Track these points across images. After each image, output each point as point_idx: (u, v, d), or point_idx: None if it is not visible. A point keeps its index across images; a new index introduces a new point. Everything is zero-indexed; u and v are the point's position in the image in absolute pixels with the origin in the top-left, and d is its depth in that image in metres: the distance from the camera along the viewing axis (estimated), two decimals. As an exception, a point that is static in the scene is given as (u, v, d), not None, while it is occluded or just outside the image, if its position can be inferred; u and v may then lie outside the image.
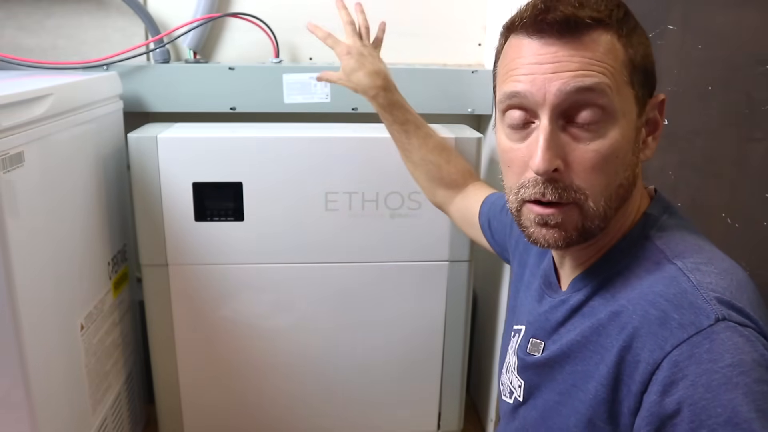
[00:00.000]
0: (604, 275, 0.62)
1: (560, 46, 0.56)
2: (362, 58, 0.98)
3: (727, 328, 0.50)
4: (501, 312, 1.29)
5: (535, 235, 0.61)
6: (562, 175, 0.57)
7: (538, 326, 0.69)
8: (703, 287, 0.53)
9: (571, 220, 0.58)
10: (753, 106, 1.13)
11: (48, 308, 0.88)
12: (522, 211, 0.61)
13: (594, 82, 0.55)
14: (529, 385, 0.69)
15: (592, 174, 0.57)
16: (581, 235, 0.59)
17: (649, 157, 0.62)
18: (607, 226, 0.60)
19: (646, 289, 0.56)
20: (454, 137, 1.12)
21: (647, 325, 0.54)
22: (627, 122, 0.57)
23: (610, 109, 0.56)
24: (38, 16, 1.28)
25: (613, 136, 0.56)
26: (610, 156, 0.57)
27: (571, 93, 0.55)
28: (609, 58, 0.56)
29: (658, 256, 0.59)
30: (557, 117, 0.56)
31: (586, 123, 0.56)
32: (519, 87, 0.57)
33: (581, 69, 0.55)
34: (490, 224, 0.94)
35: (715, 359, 0.49)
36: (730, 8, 1.11)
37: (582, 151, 0.56)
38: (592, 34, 0.56)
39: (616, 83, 0.56)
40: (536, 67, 0.56)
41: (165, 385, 1.21)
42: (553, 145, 0.56)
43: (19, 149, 0.79)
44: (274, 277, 1.16)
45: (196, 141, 1.09)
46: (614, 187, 0.58)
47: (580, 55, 0.55)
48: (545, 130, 0.56)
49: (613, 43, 0.57)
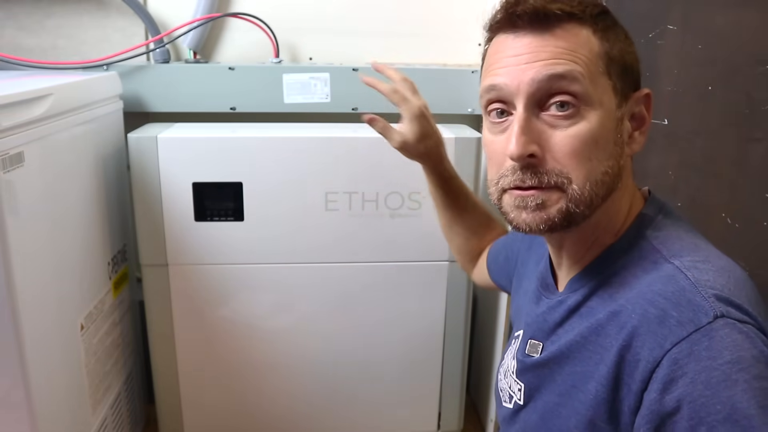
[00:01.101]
0: (601, 275, 0.62)
1: (532, 38, 0.58)
2: (432, 122, 0.89)
3: (726, 324, 0.50)
4: (501, 312, 1.29)
5: (516, 219, 0.60)
6: (540, 161, 0.58)
7: (536, 327, 0.69)
8: (701, 284, 0.53)
9: (553, 202, 0.58)
10: (753, 106, 1.13)
11: (48, 308, 0.88)
12: (503, 198, 0.61)
13: (566, 70, 0.56)
14: (528, 388, 0.69)
15: (572, 159, 0.57)
16: (564, 218, 0.59)
17: (636, 150, 0.63)
18: (593, 214, 0.60)
19: (644, 288, 0.56)
20: (454, 137, 1.12)
21: (646, 324, 0.54)
22: (604, 111, 0.58)
23: (583, 96, 0.57)
24: (38, 16, 1.28)
25: (590, 122, 0.57)
26: (589, 141, 0.57)
27: (543, 81, 0.56)
28: (582, 49, 0.57)
29: (655, 255, 0.59)
30: (532, 105, 0.58)
31: (561, 108, 0.57)
32: (496, 80, 0.59)
33: (553, 57, 0.57)
34: (496, 261, 0.93)
35: (714, 356, 0.49)
36: (730, 8, 1.11)
37: (559, 137, 0.57)
38: (564, 26, 0.57)
39: (589, 71, 0.57)
40: (511, 59, 0.58)
41: (165, 385, 1.20)
42: (527, 131, 0.57)
43: (19, 149, 0.79)
44: (274, 277, 1.16)
45: (196, 141, 1.09)
46: (599, 174, 0.58)
47: (552, 45, 0.57)
48: (519, 117, 0.57)
49: (588, 36, 0.58)
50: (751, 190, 1.17)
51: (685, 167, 1.18)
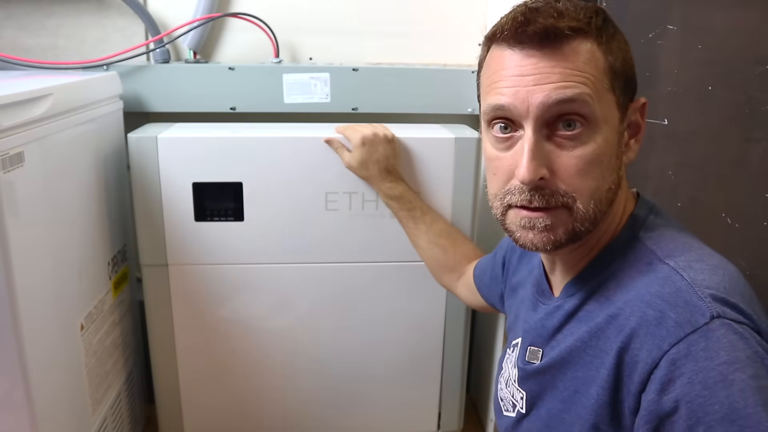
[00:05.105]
0: (597, 279, 0.62)
1: (540, 57, 0.57)
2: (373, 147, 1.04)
3: (722, 325, 0.51)
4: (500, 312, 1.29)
5: (522, 239, 0.61)
6: (548, 182, 0.58)
7: (535, 334, 0.69)
8: (698, 284, 0.54)
9: (560, 223, 0.59)
10: (753, 106, 1.13)
11: (48, 308, 0.88)
12: (507, 214, 0.61)
13: (575, 93, 0.56)
14: (531, 396, 0.69)
15: (578, 179, 0.58)
16: (570, 238, 0.60)
17: (632, 159, 0.63)
18: (596, 228, 0.61)
19: (642, 291, 0.57)
20: (454, 137, 1.12)
21: (645, 326, 0.54)
22: (609, 128, 0.58)
23: (591, 118, 0.57)
24: (38, 16, 1.28)
25: (597, 142, 0.57)
26: (595, 161, 0.57)
27: (553, 105, 0.56)
28: (589, 67, 0.57)
29: (650, 256, 0.59)
30: (541, 127, 0.57)
31: (569, 132, 0.57)
32: (503, 100, 0.58)
33: (562, 80, 0.56)
34: (483, 277, 0.95)
35: (711, 357, 0.49)
36: (730, 8, 1.11)
37: (566, 158, 0.57)
38: (571, 43, 0.57)
39: (597, 91, 0.57)
40: (518, 80, 0.57)
41: (165, 385, 1.20)
42: (537, 155, 0.57)
43: (19, 149, 0.79)
44: (274, 277, 1.16)
45: (196, 141, 1.09)
46: (603, 191, 0.59)
47: (561, 66, 0.56)
48: (529, 141, 0.57)
49: (593, 51, 0.57)
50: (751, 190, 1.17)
51: (685, 167, 1.18)
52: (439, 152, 1.12)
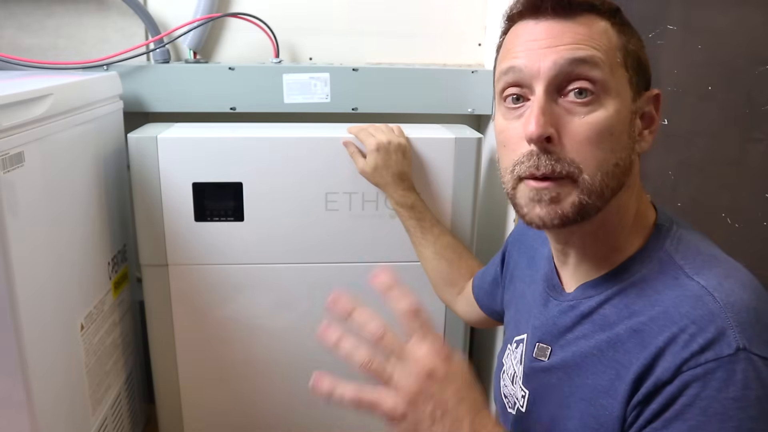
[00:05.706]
0: (618, 285, 0.61)
1: (554, 23, 0.58)
2: (387, 155, 1.03)
3: (745, 359, 0.50)
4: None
5: (530, 214, 0.60)
6: (555, 146, 0.57)
7: (545, 330, 0.68)
8: (730, 308, 0.53)
9: (566, 195, 0.58)
10: (753, 106, 1.13)
11: (48, 308, 0.88)
12: (518, 188, 0.61)
13: (587, 54, 0.57)
14: (533, 396, 0.68)
15: (586, 146, 0.57)
16: (578, 211, 0.58)
17: (645, 149, 0.63)
18: (604, 207, 0.60)
19: (671, 309, 0.56)
20: (454, 137, 1.12)
21: (672, 346, 0.54)
22: (621, 101, 0.58)
23: (603, 83, 0.57)
24: (38, 16, 1.28)
25: (607, 110, 0.57)
26: (604, 130, 0.57)
27: (565, 64, 0.57)
28: (602, 38, 0.58)
29: (677, 271, 0.58)
30: (552, 89, 0.58)
31: (580, 95, 0.57)
32: (516, 62, 0.59)
33: (575, 42, 0.57)
34: (483, 285, 0.95)
35: (721, 388, 0.50)
36: (730, 8, 1.11)
37: (576, 124, 0.57)
38: (586, 15, 0.58)
39: (609, 60, 0.58)
40: (532, 43, 0.58)
41: (165, 385, 1.20)
42: (547, 113, 0.57)
43: (19, 149, 0.79)
44: (274, 277, 1.16)
45: (196, 141, 1.09)
46: (610, 165, 0.58)
47: (573, 30, 0.57)
48: (539, 99, 0.57)
49: (606, 28, 0.59)
50: (751, 190, 1.17)
51: (685, 167, 1.18)
52: (439, 152, 1.12)
